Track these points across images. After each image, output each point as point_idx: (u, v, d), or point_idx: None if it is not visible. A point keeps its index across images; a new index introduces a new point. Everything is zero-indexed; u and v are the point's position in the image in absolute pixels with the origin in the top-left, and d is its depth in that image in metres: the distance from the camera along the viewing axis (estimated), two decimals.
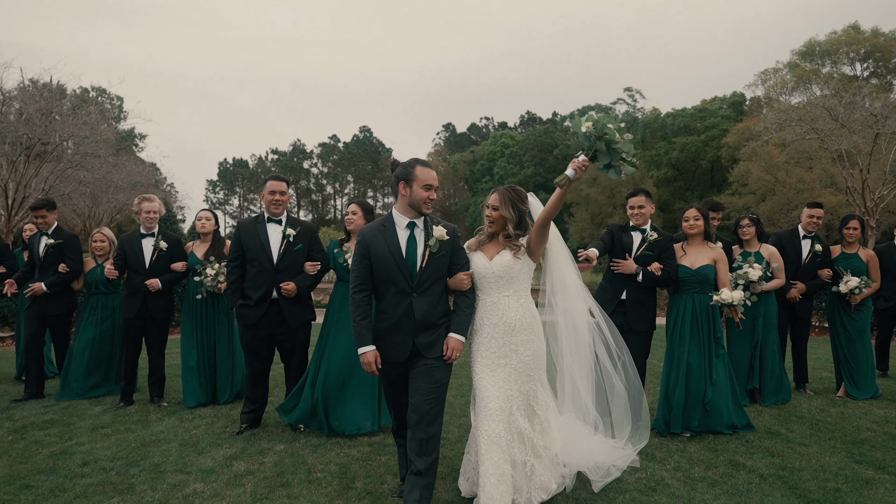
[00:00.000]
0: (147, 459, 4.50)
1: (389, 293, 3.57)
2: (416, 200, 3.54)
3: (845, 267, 6.75)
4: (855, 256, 6.81)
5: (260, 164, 78.46)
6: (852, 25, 41.86)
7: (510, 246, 3.74)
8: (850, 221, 6.92)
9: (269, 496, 3.80)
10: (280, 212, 5.25)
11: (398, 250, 3.53)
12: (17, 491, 3.92)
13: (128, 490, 3.91)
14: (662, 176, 48.22)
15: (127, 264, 6.28)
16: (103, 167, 22.01)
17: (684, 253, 5.37)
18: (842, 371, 6.68)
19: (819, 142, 19.74)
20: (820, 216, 6.81)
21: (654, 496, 3.76)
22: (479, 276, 3.77)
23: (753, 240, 6.39)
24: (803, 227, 6.83)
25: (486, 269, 3.74)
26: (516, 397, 3.65)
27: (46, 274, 6.57)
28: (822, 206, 6.96)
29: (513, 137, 61.95)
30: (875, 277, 6.78)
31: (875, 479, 4.04)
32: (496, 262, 3.72)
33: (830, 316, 6.89)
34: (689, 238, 5.40)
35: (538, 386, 3.79)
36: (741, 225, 6.44)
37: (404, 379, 3.65)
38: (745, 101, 48.51)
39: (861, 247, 6.94)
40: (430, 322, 3.54)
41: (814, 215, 6.77)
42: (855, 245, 6.89)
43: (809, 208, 6.86)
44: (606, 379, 4.21)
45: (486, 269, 3.73)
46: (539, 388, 3.79)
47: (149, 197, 6.46)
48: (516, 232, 3.77)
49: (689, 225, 5.34)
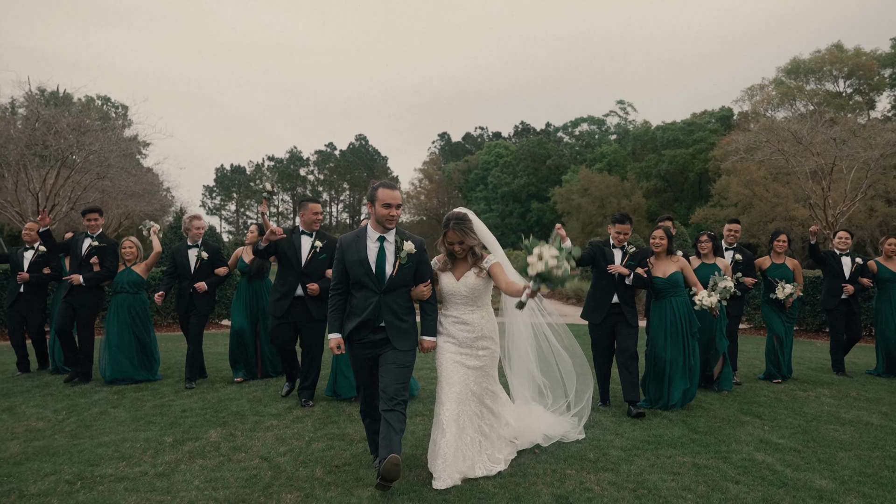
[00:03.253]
0: (228, 409, 6.13)
1: (361, 292, 4.20)
2: (379, 217, 4.13)
3: (776, 275, 7.89)
4: (783, 266, 7.99)
5: (257, 171, 79.81)
6: (835, 45, 43.45)
7: (475, 266, 4.40)
8: (779, 236, 8.14)
9: (323, 428, 5.42)
10: (316, 227, 6.48)
11: (366, 259, 4.14)
12: (144, 426, 5.53)
13: (223, 425, 5.53)
14: (652, 187, 49.66)
15: (177, 271, 7.53)
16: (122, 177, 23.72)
17: (652, 266, 6.42)
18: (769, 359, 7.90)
19: (784, 161, 21.51)
20: (737, 230, 7.95)
21: (593, 430, 5.37)
22: (448, 293, 4.46)
23: (710, 254, 7.27)
24: (724, 240, 7.93)
25: (454, 287, 4.42)
26: (473, 389, 4.41)
27: (85, 270, 7.51)
28: (738, 222, 8.19)
29: (507, 147, 63.12)
30: (800, 282, 7.91)
31: (749, 422, 5.71)
32: (462, 283, 4.40)
33: (766, 317, 8.02)
34: (657, 254, 6.45)
35: (491, 382, 4.57)
36: (700, 240, 7.31)
37: (372, 363, 4.26)
38: (732, 115, 49.78)
39: (787, 257, 8.11)
40: (398, 314, 4.19)
41: (731, 229, 7.93)
42: (782, 256, 8.06)
43: (729, 223, 8.06)
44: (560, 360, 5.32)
45: (454, 288, 4.42)
46: (492, 383, 4.58)
47: (197, 215, 7.72)
48: (478, 251, 4.40)
49: (656, 243, 6.42)
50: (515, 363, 5.22)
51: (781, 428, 5.56)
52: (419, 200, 67.11)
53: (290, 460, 4.57)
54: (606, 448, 4.89)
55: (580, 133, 63.06)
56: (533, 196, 57.06)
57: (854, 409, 6.29)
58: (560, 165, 57.39)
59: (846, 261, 8.47)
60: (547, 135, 66.67)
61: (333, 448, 4.86)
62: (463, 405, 4.32)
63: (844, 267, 8.45)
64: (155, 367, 7.78)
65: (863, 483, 4.16)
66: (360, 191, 79.30)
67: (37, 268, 8.18)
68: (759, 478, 4.25)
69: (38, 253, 8.18)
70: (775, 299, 7.86)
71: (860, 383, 7.82)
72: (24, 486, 4.02)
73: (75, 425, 5.55)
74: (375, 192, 4.15)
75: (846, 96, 44.59)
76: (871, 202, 26.53)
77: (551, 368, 5.37)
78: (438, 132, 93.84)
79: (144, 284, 7.77)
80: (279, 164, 79.13)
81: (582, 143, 61.44)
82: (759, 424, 5.67)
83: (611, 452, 4.78)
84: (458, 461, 4.16)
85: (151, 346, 7.74)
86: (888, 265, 8.54)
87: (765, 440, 5.15)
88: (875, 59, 42.22)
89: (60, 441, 5.06)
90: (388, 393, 4.02)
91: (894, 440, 5.19)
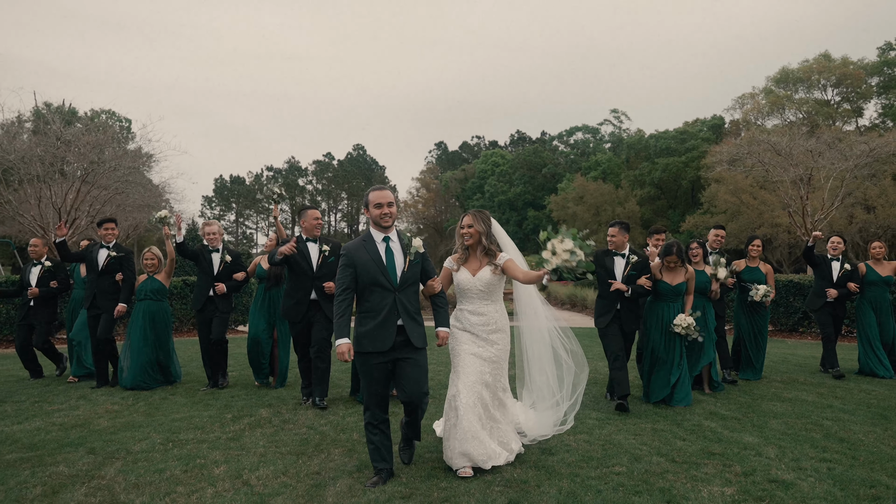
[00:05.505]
0: (269, 395, 7.28)
1: (375, 293, 4.32)
2: (374, 218, 4.36)
3: (749, 278, 8.26)
4: (756, 269, 8.38)
5: (256, 181, 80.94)
6: (823, 54, 44.50)
7: (489, 263, 4.74)
8: (753, 241, 8.48)
9: (353, 406, 6.56)
10: (318, 233, 6.87)
11: (379, 259, 4.31)
12: (203, 407, 6.66)
13: (269, 406, 6.67)
14: (645, 195, 50.60)
15: (201, 269, 7.80)
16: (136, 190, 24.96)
17: (660, 272, 6.92)
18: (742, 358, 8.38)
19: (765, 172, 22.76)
20: (723, 236, 8.26)
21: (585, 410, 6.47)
22: (464, 288, 4.77)
23: (701, 261, 7.53)
24: (710, 244, 8.14)
25: (470, 283, 4.75)
26: (487, 380, 4.67)
27: (104, 280, 7.94)
28: (724, 228, 8.48)
29: (503, 156, 64.21)
30: (772, 285, 8.27)
31: (704, 400, 6.88)
32: (478, 277, 4.73)
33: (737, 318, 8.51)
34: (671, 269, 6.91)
35: (504, 376, 4.84)
36: (691, 248, 7.54)
37: (384, 370, 4.33)
38: (724, 123, 50.91)
39: (760, 261, 8.47)
40: (411, 314, 4.37)
41: (718, 235, 8.21)
42: (756, 260, 8.43)
43: (715, 229, 8.33)
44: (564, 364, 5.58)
45: (470, 283, 4.74)
46: (504, 378, 4.84)
47: (209, 222, 8.11)
48: (491, 247, 4.74)
49: (671, 261, 6.82)
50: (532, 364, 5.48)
51: (730, 404, 6.73)
52: (417, 209, 68.33)
53: (331, 428, 5.72)
54: (584, 419, 6.02)
55: (575, 142, 64.26)
56: (529, 204, 58.18)
57: (795, 391, 7.46)
58: (555, 174, 58.57)
59: (836, 265, 8.77)
60: (542, 143, 67.85)
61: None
62: (479, 393, 4.60)
63: (833, 271, 8.77)
64: (174, 371, 8.21)
65: (782, 439, 5.31)
66: (358, 200, 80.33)
67: (44, 282, 8.57)
68: (702, 437, 5.41)
69: (44, 268, 8.61)
70: (751, 301, 8.25)
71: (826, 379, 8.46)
72: (128, 447, 5.16)
73: (145, 407, 6.68)
74: (367, 197, 4.43)
75: (835, 104, 45.76)
76: (851, 209, 27.74)
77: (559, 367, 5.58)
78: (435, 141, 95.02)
79: (166, 292, 8.22)
80: (278, 174, 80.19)
81: (577, 152, 62.57)
82: (713, 402, 6.84)
83: (587, 422, 5.93)
84: (475, 446, 4.40)
85: (171, 351, 8.22)
86: (877, 268, 8.82)
87: (713, 412, 6.32)
88: (862, 68, 43.35)
89: (139, 418, 6.20)
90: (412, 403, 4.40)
91: (820, 412, 6.34)
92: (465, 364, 4.64)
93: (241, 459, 4.79)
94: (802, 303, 14.68)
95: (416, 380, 4.33)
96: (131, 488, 4.18)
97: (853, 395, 7.18)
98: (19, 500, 3.99)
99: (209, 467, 4.59)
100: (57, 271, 8.68)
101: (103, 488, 4.19)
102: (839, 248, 8.87)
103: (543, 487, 4.17)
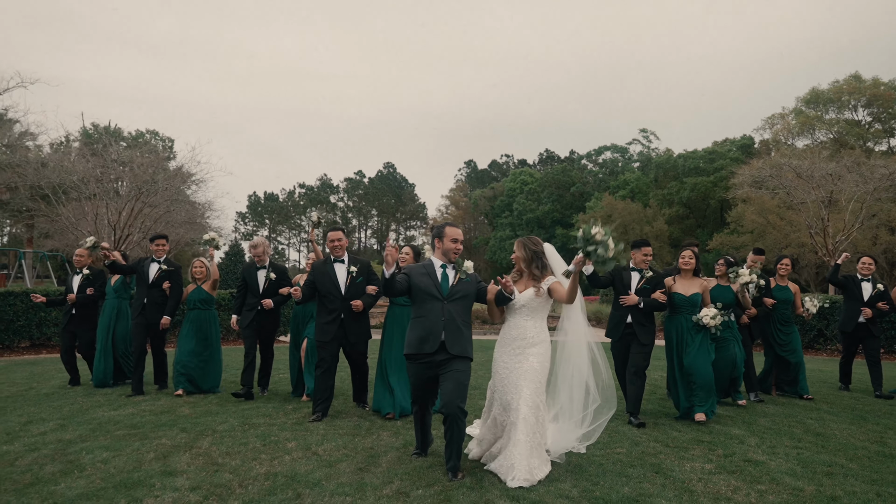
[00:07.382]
0: None
1: (426, 304, 4.87)
2: (446, 250, 4.94)
3: (779, 296, 8.38)
4: (786, 288, 8.51)
5: (289, 198, 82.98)
6: (853, 75, 44.66)
7: (534, 286, 4.99)
8: (782, 260, 8.65)
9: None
10: (340, 254, 6.91)
11: (435, 277, 4.90)
12: (262, 403, 7.71)
13: None
14: (674, 214, 50.89)
15: (247, 288, 8.11)
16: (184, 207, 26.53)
17: (673, 282, 6.93)
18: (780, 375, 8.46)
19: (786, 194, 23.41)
20: (762, 261, 8.39)
21: None
22: (511, 304, 5.02)
23: (725, 276, 7.66)
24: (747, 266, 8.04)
25: (515, 299, 5.00)
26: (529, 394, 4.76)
27: (154, 293, 8.40)
28: (763, 253, 8.61)
29: (532, 175, 65.14)
30: (798, 304, 8.50)
31: None
32: (522, 296, 4.99)
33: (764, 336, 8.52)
34: (683, 272, 6.96)
35: (542, 393, 4.89)
36: (718, 264, 7.79)
37: (429, 379, 4.90)
38: (753, 143, 51.02)
39: (789, 281, 8.64)
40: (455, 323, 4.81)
41: (756, 260, 8.32)
42: (785, 279, 8.57)
43: (754, 254, 8.48)
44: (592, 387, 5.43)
45: (515, 299, 4.99)
46: (542, 395, 4.90)
47: (253, 243, 8.38)
48: (535, 272, 5.00)
49: (685, 262, 6.91)
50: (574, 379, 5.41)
51: (727, 405, 7.58)
52: None
53: (378, 418, 6.73)
54: None
55: (604, 161, 64.89)
56: (557, 222, 58.85)
57: (790, 397, 8.27)
58: (584, 192, 59.24)
59: (867, 286, 8.70)
60: (571, 162, 68.64)
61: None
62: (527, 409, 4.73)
63: (864, 291, 8.68)
64: (219, 378, 8.60)
65: (765, 432, 6.18)
66: (387, 217, 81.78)
67: (82, 289, 8.91)
68: (696, 428, 6.31)
69: (83, 276, 8.93)
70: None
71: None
72: (212, 427, 6.23)
73: (206, 404, 7.68)
74: (443, 230, 4.97)
75: (865, 125, 45.90)
76: (876, 231, 28.11)
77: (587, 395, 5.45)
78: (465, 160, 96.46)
79: (214, 301, 8.67)
80: (310, 192, 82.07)
81: (605, 171, 63.17)
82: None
83: None
84: (530, 461, 4.60)
85: (219, 358, 8.59)
86: None
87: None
88: (893, 88, 43.42)
89: (214, 408, 7.27)
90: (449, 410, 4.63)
91: (806, 413, 7.18)
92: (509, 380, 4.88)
93: (307, 437, 5.83)
94: (818, 321, 15.36)
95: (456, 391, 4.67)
96: (224, 455, 5.23)
97: (842, 401, 7.98)
98: (139, 461, 5.06)
99: (282, 443, 5.64)
100: (95, 279, 9.01)
101: (203, 454, 5.25)
102: (871, 269, 8.82)
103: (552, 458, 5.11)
